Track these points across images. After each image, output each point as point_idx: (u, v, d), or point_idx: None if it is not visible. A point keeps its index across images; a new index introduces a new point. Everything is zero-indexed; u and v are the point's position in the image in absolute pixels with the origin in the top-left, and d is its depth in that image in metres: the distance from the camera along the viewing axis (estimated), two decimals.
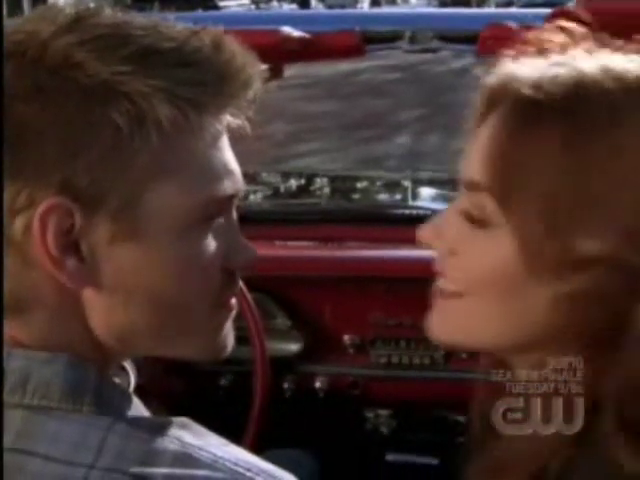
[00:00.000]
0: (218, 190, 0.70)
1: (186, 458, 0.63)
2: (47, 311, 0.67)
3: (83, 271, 0.65)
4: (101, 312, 0.68)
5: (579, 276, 0.67)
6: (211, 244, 0.71)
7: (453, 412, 1.50)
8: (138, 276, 0.67)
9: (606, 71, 0.70)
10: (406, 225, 1.28)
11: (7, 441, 0.62)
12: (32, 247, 0.64)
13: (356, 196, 2.25)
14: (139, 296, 0.68)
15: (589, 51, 0.73)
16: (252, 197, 2.07)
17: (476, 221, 0.72)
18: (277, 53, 0.97)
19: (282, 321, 1.53)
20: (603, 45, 0.73)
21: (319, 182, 1.78)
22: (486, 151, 0.72)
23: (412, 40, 1.31)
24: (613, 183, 0.66)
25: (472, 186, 0.73)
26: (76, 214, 0.64)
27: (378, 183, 2.32)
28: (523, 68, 0.73)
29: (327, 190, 1.76)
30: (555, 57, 0.73)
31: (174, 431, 0.65)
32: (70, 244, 0.64)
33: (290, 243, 1.64)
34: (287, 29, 1.34)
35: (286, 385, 1.45)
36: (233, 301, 0.76)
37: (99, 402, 0.65)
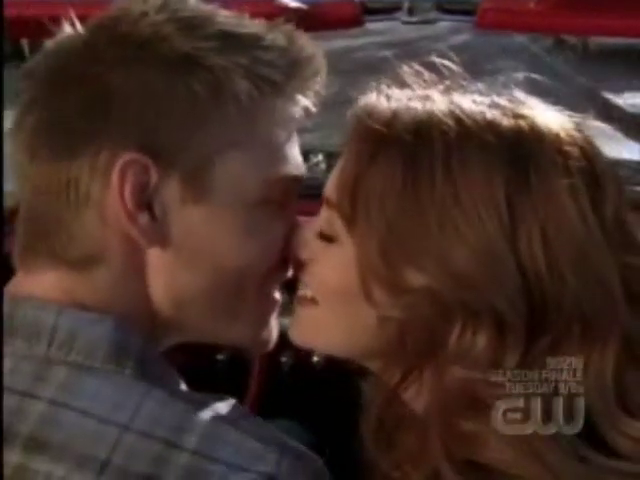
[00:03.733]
0: (283, 170, 0.74)
1: (217, 431, 0.64)
2: (112, 269, 0.69)
3: (154, 229, 0.68)
4: (163, 272, 0.70)
5: (403, 302, 0.71)
6: (274, 225, 0.75)
7: None
8: (203, 239, 0.69)
9: (451, 113, 0.71)
10: None
11: (47, 393, 0.64)
12: (109, 203, 0.67)
13: None
14: (201, 259, 0.70)
15: (447, 89, 0.76)
16: None
17: (325, 237, 0.77)
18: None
19: (280, 296, 1.53)
20: (462, 84, 0.77)
21: (316, 158, 1.78)
22: (339, 173, 0.76)
23: (411, 11, 1.30)
24: (446, 228, 0.69)
25: (327, 203, 0.77)
26: (152, 171, 0.67)
27: None
28: (382, 102, 0.76)
29: (324, 166, 1.76)
30: (417, 92, 0.77)
31: (209, 404, 0.66)
32: (144, 201, 0.67)
33: None
34: None
35: (284, 359, 1.45)
36: (277, 295, 0.80)
37: (141, 368, 0.66)
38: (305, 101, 0.75)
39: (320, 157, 1.77)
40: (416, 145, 0.70)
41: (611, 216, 0.71)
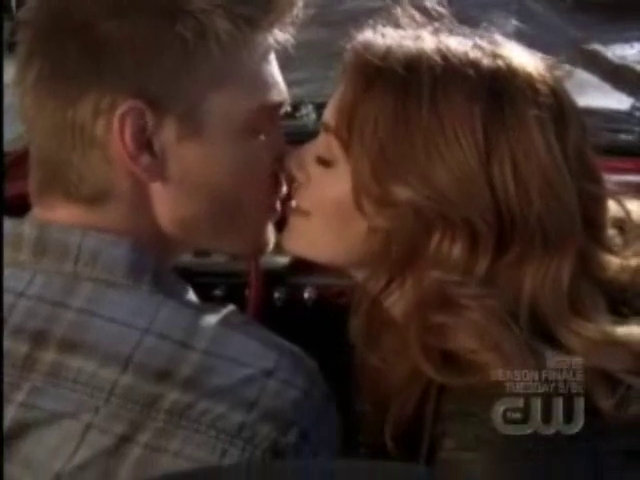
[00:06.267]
0: (268, 97, 0.80)
1: (224, 333, 0.73)
2: (120, 202, 0.77)
3: (155, 166, 0.75)
4: (168, 203, 0.78)
5: (390, 214, 0.81)
6: (262, 148, 0.82)
7: None
8: (200, 172, 0.77)
9: (438, 51, 0.81)
10: None
11: (77, 304, 0.73)
12: (112, 145, 0.74)
13: None
14: (201, 189, 0.78)
15: (436, 31, 0.85)
16: None
17: (323, 161, 0.86)
18: None
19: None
20: (450, 27, 0.86)
21: (306, 109, 1.84)
22: (337, 101, 0.85)
23: None
24: (430, 150, 0.78)
25: (325, 128, 0.86)
26: (148, 116, 0.73)
27: None
28: (378, 38, 0.85)
29: (313, 116, 1.82)
30: (409, 32, 0.86)
31: (217, 311, 0.75)
32: (144, 142, 0.74)
33: None
34: None
35: (277, 295, 1.53)
36: (277, 205, 0.88)
37: (157, 282, 0.75)
38: (282, 35, 0.80)
39: (310, 108, 1.83)
40: (407, 77, 0.79)
41: (573, 147, 0.81)
